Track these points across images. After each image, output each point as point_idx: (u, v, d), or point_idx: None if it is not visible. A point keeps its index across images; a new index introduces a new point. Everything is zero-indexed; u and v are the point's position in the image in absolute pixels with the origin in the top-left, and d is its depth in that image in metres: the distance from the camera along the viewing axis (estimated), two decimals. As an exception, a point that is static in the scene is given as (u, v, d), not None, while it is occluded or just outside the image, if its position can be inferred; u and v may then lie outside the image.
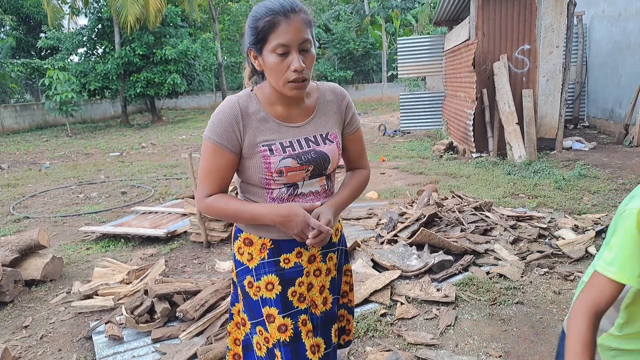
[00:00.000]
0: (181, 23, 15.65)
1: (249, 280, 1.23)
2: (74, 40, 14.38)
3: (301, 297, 1.22)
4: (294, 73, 1.05)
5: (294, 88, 1.08)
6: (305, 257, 1.23)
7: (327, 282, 1.29)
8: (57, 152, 9.75)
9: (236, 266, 1.27)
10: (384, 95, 18.82)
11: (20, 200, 5.50)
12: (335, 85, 1.26)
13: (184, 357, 1.98)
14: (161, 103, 17.19)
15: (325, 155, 1.18)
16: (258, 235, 1.21)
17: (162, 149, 9.62)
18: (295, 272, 1.22)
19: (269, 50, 1.05)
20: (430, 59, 8.91)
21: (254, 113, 1.13)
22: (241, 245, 1.24)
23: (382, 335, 2.15)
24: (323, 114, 1.21)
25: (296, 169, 1.14)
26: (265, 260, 1.21)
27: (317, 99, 1.21)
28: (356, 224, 3.80)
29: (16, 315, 2.62)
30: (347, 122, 1.26)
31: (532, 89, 6.23)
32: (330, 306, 1.30)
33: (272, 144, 1.13)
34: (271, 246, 1.20)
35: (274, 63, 1.05)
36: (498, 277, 2.66)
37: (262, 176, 1.14)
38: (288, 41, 1.03)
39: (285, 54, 1.04)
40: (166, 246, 3.62)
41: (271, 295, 1.20)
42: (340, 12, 21.27)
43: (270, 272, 1.20)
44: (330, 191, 1.25)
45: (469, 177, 5.32)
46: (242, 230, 1.23)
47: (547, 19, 6.11)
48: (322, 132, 1.19)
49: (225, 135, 1.11)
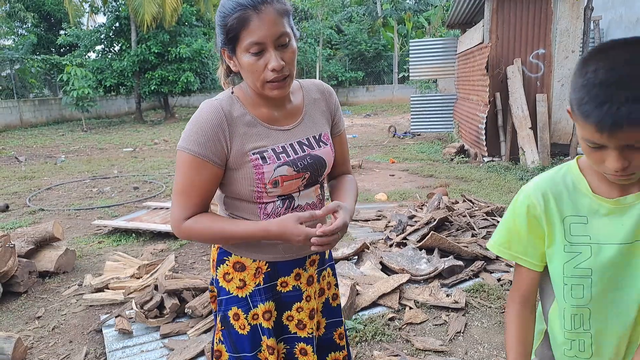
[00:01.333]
0: (196, 22, 15.84)
1: (235, 312, 1.07)
2: (92, 38, 14.68)
3: (300, 323, 1.10)
4: (272, 73, 0.92)
5: (275, 88, 0.95)
6: (304, 278, 1.11)
7: (319, 304, 1.17)
8: (73, 147, 9.94)
9: (219, 294, 1.10)
10: (395, 97, 18.74)
11: (36, 192, 5.61)
12: (319, 82, 1.15)
13: (191, 353, 2.00)
14: (174, 100, 17.39)
15: (321, 160, 1.06)
16: (252, 258, 1.06)
17: (174, 145, 9.73)
18: (293, 297, 1.10)
19: (242, 49, 0.92)
20: (443, 61, 8.85)
21: (239, 117, 0.99)
22: (229, 270, 1.07)
23: (390, 340, 2.14)
24: (312, 114, 1.09)
25: (292, 177, 1.01)
26: (261, 286, 1.06)
27: (303, 97, 1.09)
28: (364, 226, 3.79)
29: (29, 306, 2.67)
30: (335, 120, 1.15)
31: (547, 93, 6.13)
32: (323, 331, 1.18)
33: (264, 151, 0.99)
34: (267, 269, 1.06)
35: (249, 63, 0.93)
36: (509, 284, 2.62)
37: (254, 189, 1.00)
38: (262, 38, 0.90)
39: (261, 52, 0.92)
40: (176, 242, 3.66)
41: (269, 324, 1.07)
42: (353, 14, 21.26)
43: (267, 299, 1.07)
44: (324, 202, 1.13)
45: (481, 182, 5.26)
46: (231, 252, 1.07)
47: (563, 24, 6.01)
48: (315, 133, 1.08)
49: (209, 145, 0.95)
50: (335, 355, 1.21)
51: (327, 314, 1.20)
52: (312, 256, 1.13)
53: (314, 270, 1.14)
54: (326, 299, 1.20)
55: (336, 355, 1.21)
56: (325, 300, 1.19)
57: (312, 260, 1.14)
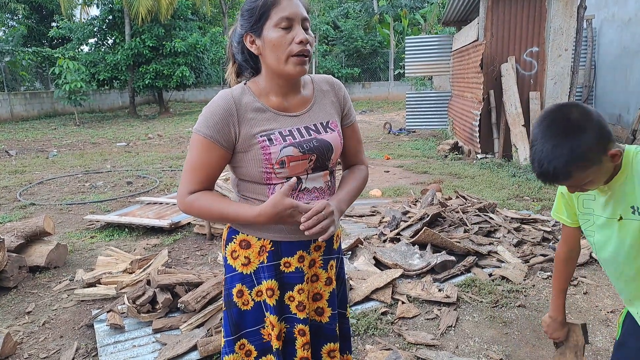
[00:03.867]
0: (191, 16, 15.68)
1: (240, 289, 1.14)
2: (85, 31, 14.46)
3: (300, 305, 1.15)
4: (298, 45, 1.01)
5: (298, 63, 1.03)
6: (307, 261, 1.15)
7: (326, 292, 1.20)
8: (65, 141, 9.83)
9: (226, 272, 1.17)
10: (391, 94, 18.74)
11: (27, 187, 5.55)
12: (329, 76, 1.22)
13: (184, 348, 1.99)
14: (169, 95, 17.25)
15: (327, 144, 1.11)
16: (257, 237, 1.12)
17: (169, 140, 9.66)
18: (295, 278, 1.14)
19: (272, 25, 1.01)
20: (438, 58, 8.86)
21: (248, 104, 1.07)
22: (236, 248, 1.14)
23: (382, 334, 2.15)
24: (321, 104, 1.16)
25: (298, 157, 1.07)
26: (264, 264, 1.12)
27: (313, 89, 1.17)
28: (359, 221, 3.80)
29: (19, 301, 2.65)
30: (345, 112, 1.21)
31: (540, 91, 6.17)
32: (327, 320, 1.21)
33: (270, 134, 1.06)
34: (271, 248, 1.12)
35: (277, 37, 1.01)
36: (500, 280, 2.65)
37: (262, 169, 1.07)
38: (292, 14, 1.01)
39: (289, 28, 1.01)
40: (169, 237, 3.64)
41: (271, 301, 1.12)
42: (349, 10, 21.19)
43: (270, 277, 1.12)
44: (334, 189, 1.19)
45: (474, 178, 5.29)
46: (239, 231, 1.14)
47: (557, 22, 6.04)
48: (322, 120, 1.14)
49: (218, 129, 1.04)
50: (331, 346, 1.23)
51: (332, 305, 1.22)
52: (317, 241, 1.17)
53: (318, 255, 1.18)
54: (333, 290, 1.22)
55: (333, 346, 1.23)
56: (332, 291, 1.22)
57: (317, 246, 1.18)
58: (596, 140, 0.91)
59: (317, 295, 1.20)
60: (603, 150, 0.92)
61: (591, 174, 0.94)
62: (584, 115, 0.92)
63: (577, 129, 0.90)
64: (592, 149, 0.90)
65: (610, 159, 0.94)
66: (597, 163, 0.92)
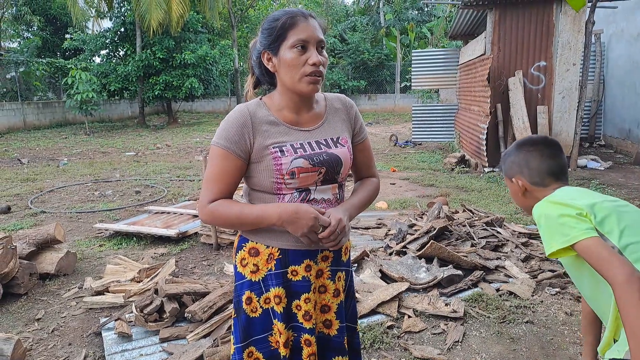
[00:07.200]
0: (201, 29, 16.00)
1: (249, 295, 1.17)
2: (97, 42, 14.81)
3: (307, 314, 1.16)
4: (312, 67, 1.07)
5: (311, 82, 1.09)
6: (314, 271, 1.18)
7: (334, 304, 1.22)
8: (75, 150, 9.99)
9: (236, 279, 1.21)
10: (397, 106, 18.84)
11: (38, 194, 5.64)
12: (341, 95, 1.29)
13: (190, 358, 2.00)
14: (177, 105, 17.51)
15: (337, 158, 1.16)
16: (265, 244, 1.16)
17: (177, 150, 9.78)
18: (302, 286, 1.16)
19: (288, 46, 1.07)
20: (445, 71, 8.93)
21: (263, 117, 1.13)
22: (245, 256, 1.18)
23: (388, 348, 2.14)
24: (332, 120, 1.21)
25: (308, 169, 1.11)
26: (272, 271, 1.15)
27: (325, 106, 1.22)
28: (365, 234, 3.80)
29: (29, 308, 2.68)
30: (356, 130, 1.26)
31: (547, 105, 6.18)
32: (335, 332, 1.22)
33: (282, 145, 1.11)
34: (279, 256, 1.15)
35: (292, 58, 1.07)
36: (508, 295, 2.63)
37: (274, 180, 1.11)
38: (307, 37, 1.07)
39: (304, 49, 1.07)
40: (177, 246, 3.67)
41: (279, 309, 1.15)
42: (356, 23, 21.48)
43: (278, 285, 1.15)
44: (342, 202, 1.22)
45: (481, 192, 5.27)
46: (248, 239, 1.18)
47: (565, 36, 6.07)
48: (333, 136, 1.19)
49: (235, 140, 1.10)
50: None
51: (340, 317, 1.24)
52: (324, 251, 1.19)
53: (325, 266, 1.21)
54: (341, 302, 1.24)
55: (342, 359, 1.24)
56: (340, 303, 1.23)
57: (324, 256, 1.20)
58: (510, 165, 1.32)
59: (325, 307, 1.22)
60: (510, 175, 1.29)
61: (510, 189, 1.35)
62: None
63: None
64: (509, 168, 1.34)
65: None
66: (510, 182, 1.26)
